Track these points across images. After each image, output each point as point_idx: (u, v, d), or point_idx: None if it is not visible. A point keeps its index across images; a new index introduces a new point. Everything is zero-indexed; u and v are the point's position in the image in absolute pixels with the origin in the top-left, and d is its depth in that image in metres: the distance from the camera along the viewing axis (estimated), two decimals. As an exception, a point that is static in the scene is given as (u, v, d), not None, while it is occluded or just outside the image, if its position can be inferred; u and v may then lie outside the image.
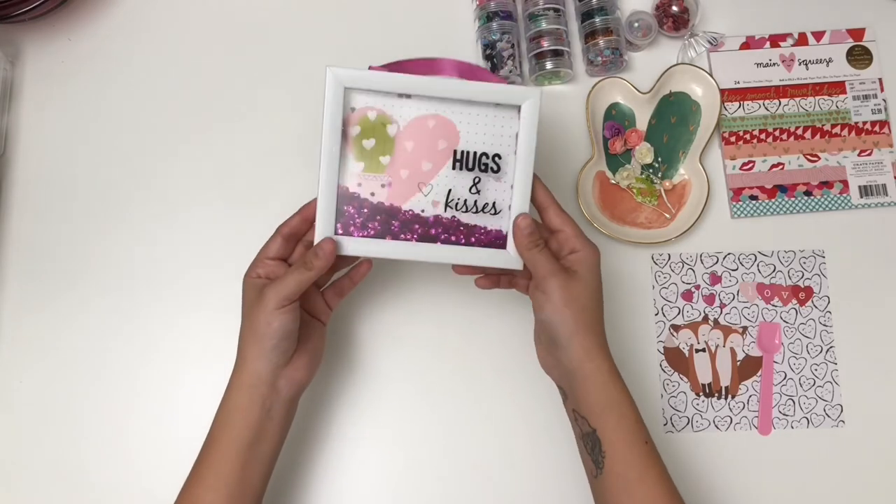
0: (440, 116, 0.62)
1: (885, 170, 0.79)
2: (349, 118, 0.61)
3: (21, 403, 0.74)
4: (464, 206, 0.63)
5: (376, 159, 0.62)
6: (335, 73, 0.60)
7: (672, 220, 0.78)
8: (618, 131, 0.79)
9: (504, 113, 0.62)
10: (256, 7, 0.82)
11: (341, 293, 0.68)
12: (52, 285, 0.76)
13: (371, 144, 0.62)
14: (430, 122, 0.62)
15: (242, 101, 0.80)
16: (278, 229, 0.64)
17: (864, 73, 0.81)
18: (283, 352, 0.60)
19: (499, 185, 0.63)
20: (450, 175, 0.63)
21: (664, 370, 0.75)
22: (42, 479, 0.72)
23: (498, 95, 0.61)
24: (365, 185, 0.63)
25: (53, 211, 0.78)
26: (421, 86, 0.60)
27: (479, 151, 0.62)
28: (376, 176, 0.63)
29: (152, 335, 0.75)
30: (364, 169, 0.62)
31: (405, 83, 0.60)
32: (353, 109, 0.61)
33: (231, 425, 0.60)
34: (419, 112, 0.62)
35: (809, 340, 0.76)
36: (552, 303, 0.59)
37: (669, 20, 0.81)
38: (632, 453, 0.58)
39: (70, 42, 0.82)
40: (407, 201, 0.63)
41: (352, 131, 0.62)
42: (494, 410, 0.74)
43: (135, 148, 0.79)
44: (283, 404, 0.61)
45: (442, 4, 0.82)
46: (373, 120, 0.62)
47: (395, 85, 0.60)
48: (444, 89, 0.61)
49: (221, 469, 0.59)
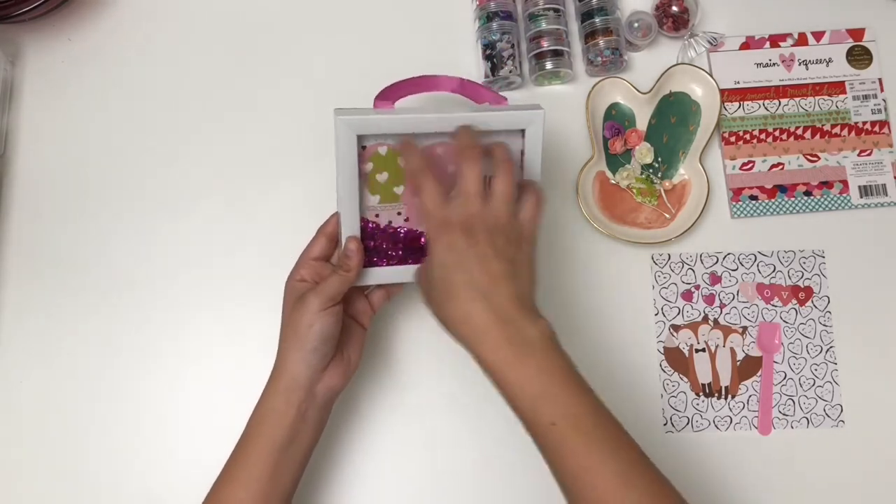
0: (447, 144, 0.63)
1: (885, 170, 0.79)
2: (361, 156, 0.62)
3: (21, 403, 0.74)
4: None
5: (390, 190, 0.64)
6: (347, 122, 0.60)
7: (672, 220, 0.78)
8: (618, 131, 0.79)
9: (508, 135, 0.63)
10: (256, 7, 0.82)
11: (388, 295, 0.69)
12: (53, 285, 0.76)
13: (384, 178, 0.64)
14: (439, 149, 0.63)
15: (242, 101, 0.80)
16: (320, 229, 0.65)
17: (864, 73, 0.81)
18: (322, 356, 0.61)
19: None
20: None
21: (664, 370, 0.75)
22: (42, 480, 0.72)
23: (502, 123, 0.62)
24: (382, 216, 0.65)
25: (53, 211, 0.78)
26: (428, 124, 0.61)
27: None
28: (392, 205, 0.65)
29: (153, 335, 0.75)
30: (380, 201, 0.64)
31: (413, 124, 0.61)
32: (364, 147, 0.62)
33: (266, 426, 0.60)
34: (428, 142, 0.63)
35: (809, 340, 0.76)
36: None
37: (669, 20, 0.81)
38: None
39: (70, 42, 0.82)
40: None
41: (365, 168, 0.63)
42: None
43: (135, 148, 0.79)
44: (318, 409, 0.62)
45: (442, 5, 0.82)
46: (384, 154, 0.63)
47: (404, 126, 0.61)
48: (449, 125, 0.61)
49: (254, 469, 0.59)
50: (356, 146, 0.61)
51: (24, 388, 0.74)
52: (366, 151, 0.62)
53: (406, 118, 0.61)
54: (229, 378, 0.74)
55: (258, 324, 0.75)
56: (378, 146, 0.62)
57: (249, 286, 0.76)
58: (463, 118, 0.61)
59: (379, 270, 0.66)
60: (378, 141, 0.62)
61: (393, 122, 0.61)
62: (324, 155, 0.77)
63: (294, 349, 0.60)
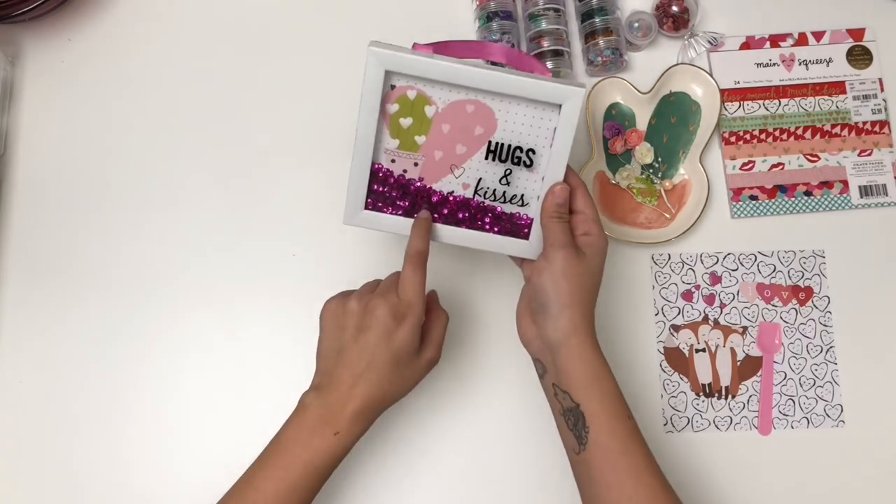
0: (480, 103, 0.61)
1: (885, 170, 0.79)
2: (388, 95, 0.60)
3: (21, 403, 0.74)
4: (493, 195, 0.64)
5: (412, 138, 0.62)
6: (377, 54, 0.58)
7: (672, 220, 0.78)
8: (618, 131, 0.79)
9: (544, 108, 0.61)
10: (256, 7, 0.82)
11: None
12: (53, 285, 0.76)
13: (408, 123, 0.62)
14: (470, 107, 0.61)
15: (243, 101, 0.80)
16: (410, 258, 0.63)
17: (864, 73, 0.81)
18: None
19: (530, 177, 0.64)
20: (482, 164, 0.63)
21: (664, 370, 0.75)
22: (42, 480, 0.72)
23: (539, 92, 0.59)
24: (398, 162, 0.63)
25: (53, 211, 0.78)
26: (463, 76, 0.59)
27: (514, 145, 0.62)
28: (410, 154, 0.63)
29: (153, 335, 0.75)
30: (399, 146, 0.62)
31: (448, 72, 0.59)
32: (393, 87, 0.60)
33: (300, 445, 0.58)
34: (459, 96, 0.60)
35: (809, 340, 0.76)
36: (552, 270, 0.60)
37: (669, 20, 0.81)
38: (616, 427, 0.58)
39: (70, 42, 0.82)
40: (438, 181, 0.64)
41: (390, 108, 0.61)
42: (492, 403, 0.74)
43: (135, 147, 0.79)
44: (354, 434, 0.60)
45: (442, 5, 0.82)
46: (412, 99, 0.61)
47: (437, 73, 0.59)
48: (485, 81, 0.59)
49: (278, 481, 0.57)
50: (383, 82, 0.59)
51: (24, 388, 0.74)
52: (394, 91, 0.60)
53: (440, 64, 0.58)
54: (229, 378, 0.74)
55: (258, 324, 0.75)
56: (408, 89, 0.60)
57: (250, 286, 0.76)
58: (499, 77, 0.59)
59: (382, 217, 0.64)
60: (409, 83, 0.60)
61: (426, 65, 0.58)
62: (325, 155, 0.78)
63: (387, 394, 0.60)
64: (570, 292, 0.60)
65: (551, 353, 0.60)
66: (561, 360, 0.59)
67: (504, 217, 0.65)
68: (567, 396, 0.59)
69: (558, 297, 0.60)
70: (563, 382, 0.59)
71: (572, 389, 0.59)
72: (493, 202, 0.64)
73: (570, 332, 0.59)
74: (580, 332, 0.60)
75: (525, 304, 0.64)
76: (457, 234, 0.65)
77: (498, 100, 0.61)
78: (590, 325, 0.61)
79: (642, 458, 0.58)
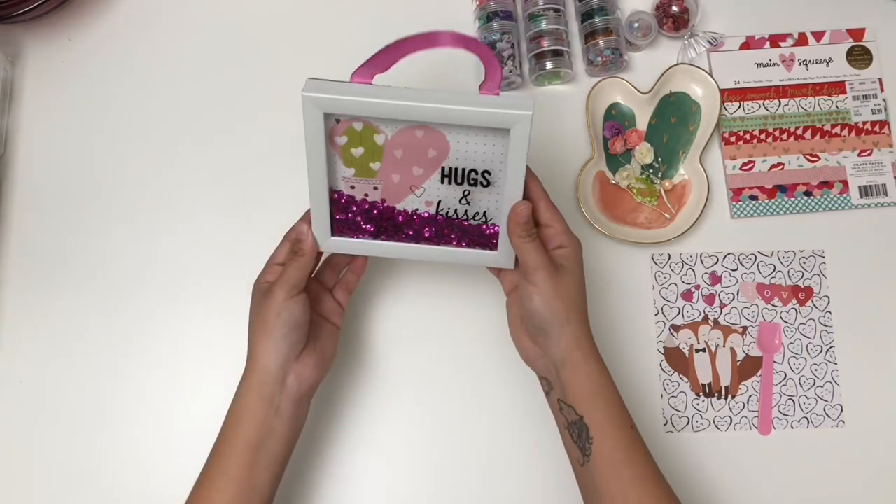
0: (429, 128, 0.59)
1: (885, 170, 0.79)
2: (335, 128, 0.59)
3: (21, 403, 0.74)
4: (455, 213, 0.64)
5: (366, 165, 0.61)
6: (313, 100, 0.56)
7: (672, 220, 0.78)
8: (618, 131, 0.79)
9: (494, 132, 0.59)
10: (255, 8, 0.82)
11: (348, 289, 0.69)
12: (53, 285, 0.76)
13: (360, 152, 0.61)
14: (419, 132, 0.59)
15: (243, 102, 0.80)
16: (286, 235, 0.65)
17: (864, 74, 0.81)
18: (292, 343, 0.61)
19: (490, 194, 0.62)
20: (440, 187, 0.62)
21: (664, 370, 0.75)
22: (42, 479, 0.72)
23: (484, 120, 0.57)
24: (358, 188, 0.63)
25: (53, 211, 0.78)
26: (401, 112, 0.57)
27: (468, 168, 0.61)
28: (368, 180, 0.62)
29: (152, 335, 0.75)
30: (355, 174, 0.62)
31: (386, 109, 0.57)
32: (338, 121, 0.59)
33: (239, 426, 0.60)
34: (407, 124, 0.59)
35: (809, 340, 0.76)
36: (542, 293, 0.59)
37: (669, 20, 0.81)
38: (619, 437, 0.58)
39: (70, 42, 0.82)
40: (401, 201, 0.63)
41: (339, 140, 0.60)
42: (494, 404, 0.74)
43: (135, 147, 0.79)
44: (292, 402, 0.61)
45: (442, 4, 0.82)
46: (359, 130, 0.59)
47: (376, 111, 0.57)
48: (425, 115, 0.57)
49: (229, 470, 0.59)
50: (324, 124, 0.58)
51: (24, 388, 0.74)
52: (340, 125, 0.59)
53: (376, 102, 0.56)
54: (229, 378, 0.74)
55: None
56: (353, 121, 0.59)
57: (249, 287, 0.76)
58: (440, 111, 0.56)
59: (350, 241, 0.65)
60: (353, 116, 0.58)
61: (362, 105, 0.56)
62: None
63: (263, 340, 0.60)
64: (567, 309, 0.60)
65: (556, 369, 0.60)
66: (565, 375, 0.60)
67: (471, 229, 0.64)
68: (571, 410, 0.59)
69: (556, 317, 0.60)
70: (568, 396, 0.59)
71: (577, 402, 0.59)
72: (457, 219, 0.64)
73: (574, 347, 0.60)
74: (583, 346, 0.60)
75: (517, 323, 0.64)
76: (424, 252, 0.65)
77: (447, 126, 0.59)
78: (590, 335, 0.61)
79: (645, 468, 0.58)
